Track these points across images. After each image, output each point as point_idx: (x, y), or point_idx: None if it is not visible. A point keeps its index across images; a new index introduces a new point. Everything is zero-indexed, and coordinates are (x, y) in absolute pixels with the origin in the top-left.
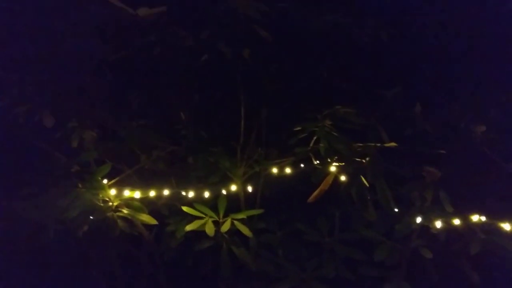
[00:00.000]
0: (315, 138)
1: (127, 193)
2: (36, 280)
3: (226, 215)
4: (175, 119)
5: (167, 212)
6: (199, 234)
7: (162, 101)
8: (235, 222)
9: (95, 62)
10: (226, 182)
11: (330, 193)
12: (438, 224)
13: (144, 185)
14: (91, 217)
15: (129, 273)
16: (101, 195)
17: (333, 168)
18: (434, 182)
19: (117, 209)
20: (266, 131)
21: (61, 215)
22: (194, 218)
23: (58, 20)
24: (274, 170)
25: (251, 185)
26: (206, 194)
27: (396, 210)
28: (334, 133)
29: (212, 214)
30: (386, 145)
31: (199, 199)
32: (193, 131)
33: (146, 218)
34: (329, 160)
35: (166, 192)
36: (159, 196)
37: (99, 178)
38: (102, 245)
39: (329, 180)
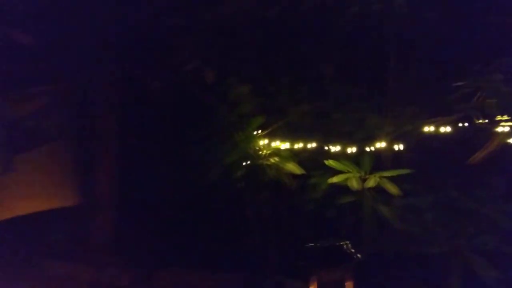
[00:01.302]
0: (478, 94)
1: (276, 144)
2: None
3: (370, 172)
4: (321, 75)
5: (311, 165)
6: (341, 189)
7: (309, 57)
8: (381, 179)
9: (253, 21)
10: (372, 139)
11: (495, 157)
12: None
13: (291, 137)
14: (245, 163)
15: (284, 218)
16: (254, 145)
17: (502, 128)
18: None
19: (267, 157)
20: (417, 87)
21: (222, 160)
22: (337, 172)
23: None
24: (427, 129)
25: (400, 143)
26: (351, 150)
27: None
28: (505, 88)
29: (356, 169)
30: None
31: (343, 155)
32: (340, 87)
33: (293, 167)
34: (498, 119)
35: (311, 145)
36: (304, 149)
37: (253, 129)
38: (254, 189)
39: (497, 141)
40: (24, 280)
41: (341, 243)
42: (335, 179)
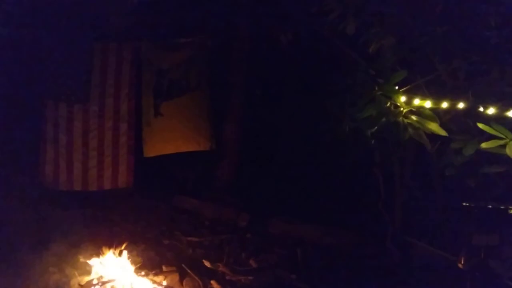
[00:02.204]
0: None
1: (417, 101)
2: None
3: None
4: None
5: (455, 127)
6: (488, 156)
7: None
8: None
9: None
10: None
11: None
12: None
13: (435, 96)
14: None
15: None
16: (393, 101)
17: None
18: None
19: (406, 115)
20: None
21: (354, 114)
22: (489, 138)
23: None
24: None
25: None
26: (508, 114)
27: None
28: None
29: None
30: None
31: (499, 118)
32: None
33: (435, 128)
34: None
35: (460, 105)
36: (450, 110)
37: (393, 84)
38: (386, 148)
39: None
40: (156, 208)
41: (503, 207)
42: (488, 145)
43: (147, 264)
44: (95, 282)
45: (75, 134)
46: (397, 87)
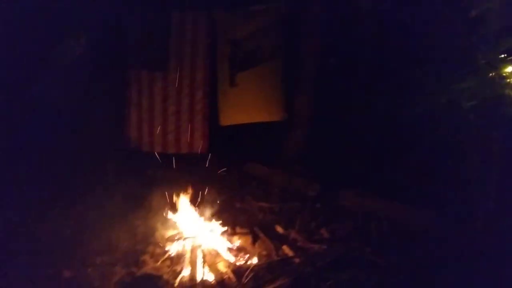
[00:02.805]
0: None
1: None
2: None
3: None
4: None
5: None
6: None
7: None
8: None
9: None
10: None
11: None
12: None
13: None
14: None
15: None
16: (498, 71)
17: None
18: None
19: None
20: None
21: (452, 84)
22: None
23: None
24: None
25: None
26: None
27: None
28: None
29: None
30: None
31: None
32: None
33: None
34: None
35: None
36: None
37: (499, 52)
38: (487, 123)
39: None
40: (228, 174)
41: None
42: None
43: (222, 225)
44: (177, 237)
45: (156, 100)
46: (503, 55)
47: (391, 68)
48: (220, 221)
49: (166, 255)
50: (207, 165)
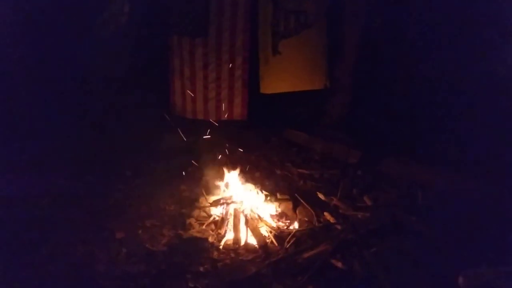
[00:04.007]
0: None
1: None
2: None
3: None
4: None
5: None
6: None
7: None
8: None
9: None
10: None
11: None
12: None
13: None
14: None
15: None
16: None
17: None
18: None
19: None
20: None
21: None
22: None
23: None
24: None
25: None
26: None
27: None
28: None
29: None
30: None
31: None
32: None
33: None
34: None
35: None
36: None
37: None
38: None
39: None
40: (268, 141)
41: None
42: None
43: (262, 191)
44: (221, 202)
45: (197, 67)
46: None
47: (437, 35)
48: (261, 187)
49: (211, 219)
50: (247, 132)
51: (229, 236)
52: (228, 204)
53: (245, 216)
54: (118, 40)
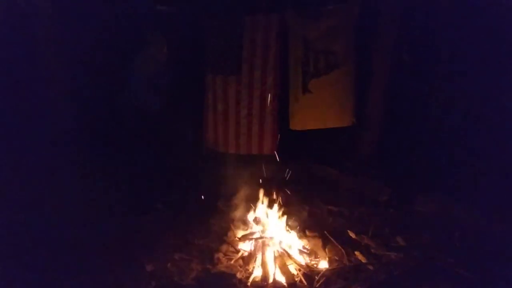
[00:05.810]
0: None
1: None
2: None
3: None
4: None
5: None
6: None
7: None
8: None
9: None
10: None
11: None
12: None
13: None
14: None
15: None
16: None
17: None
18: None
19: None
20: None
21: None
22: None
23: None
24: None
25: None
26: None
27: None
28: None
29: None
30: None
31: None
32: None
33: None
34: None
35: None
36: None
37: None
38: None
39: None
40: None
41: None
42: None
43: (290, 227)
44: (249, 237)
45: (230, 103)
46: None
47: (465, 72)
48: (291, 223)
49: (239, 254)
50: (276, 167)
51: (257, 273)
52: (257, 239)
53: (274, 252)
54: (156, 79)
